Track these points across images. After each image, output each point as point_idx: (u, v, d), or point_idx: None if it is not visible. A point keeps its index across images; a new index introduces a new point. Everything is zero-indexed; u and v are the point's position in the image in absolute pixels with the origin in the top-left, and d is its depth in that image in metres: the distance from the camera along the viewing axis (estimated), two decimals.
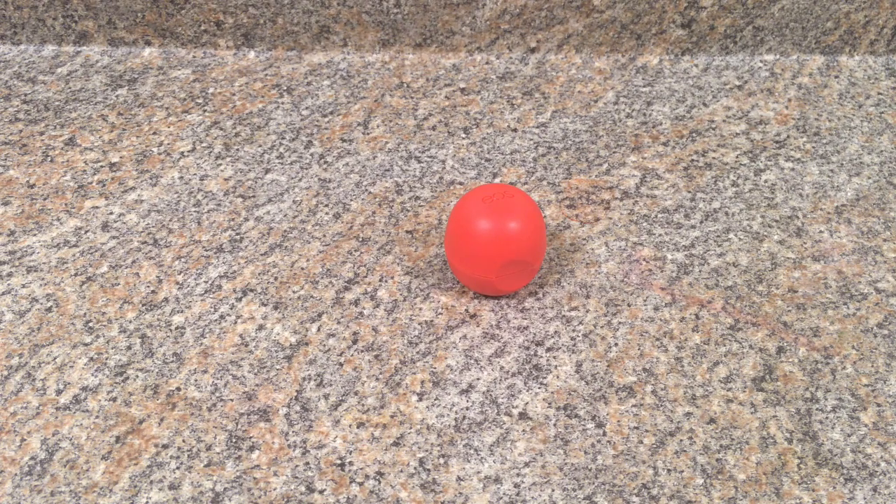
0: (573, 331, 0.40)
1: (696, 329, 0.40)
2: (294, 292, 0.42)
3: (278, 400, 0.37)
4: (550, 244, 0.45)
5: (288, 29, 0.59)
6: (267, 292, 0.42)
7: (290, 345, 0.40)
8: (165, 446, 0.35)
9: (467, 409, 0.37)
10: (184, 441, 0.36)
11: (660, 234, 0.46)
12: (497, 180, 0.49)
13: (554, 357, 0.39)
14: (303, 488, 0.34)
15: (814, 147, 0.52)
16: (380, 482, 0.34)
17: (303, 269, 0.44)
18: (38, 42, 0.61)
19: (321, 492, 0.34)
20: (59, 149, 0.52)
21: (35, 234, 0.46)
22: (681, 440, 0.36)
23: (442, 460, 0.35)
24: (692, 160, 0.51)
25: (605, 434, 0.36)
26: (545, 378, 0.38)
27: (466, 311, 0.41)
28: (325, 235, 0.46)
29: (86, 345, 0.40)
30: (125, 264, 0.44)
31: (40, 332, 0.41)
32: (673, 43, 0.59)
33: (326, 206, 0.48)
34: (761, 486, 0.34)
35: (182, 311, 0.41)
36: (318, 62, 0.60)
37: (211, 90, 0.57)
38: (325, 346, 0.40)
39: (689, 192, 0.49)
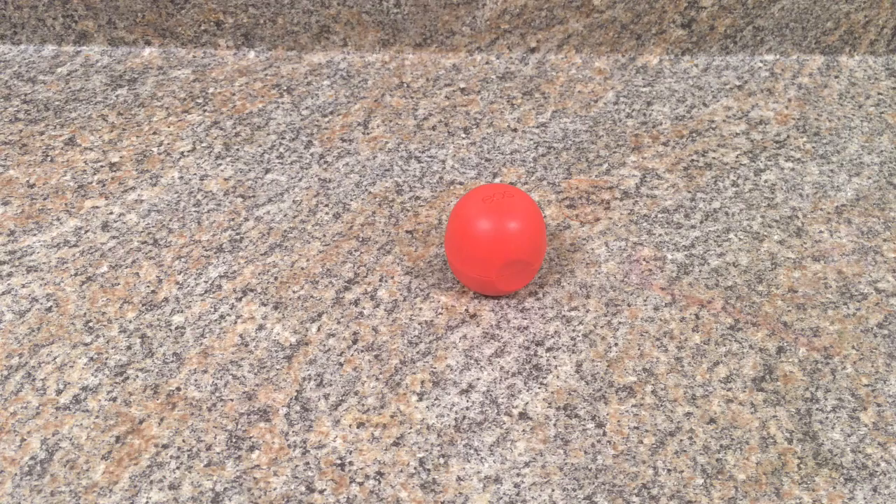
0: (573, 331, 0.40)
1: (696, 329, 0.40)
2: (294, 292, 0.42)
3: (278, 400, 0.37)
4: (550, 244, 0.45)
5: (288, 29, 0.59)
6: (267, 292, 0.42)
7: (290, 345, 0.40)
8: (165, 446, 0.35)
9: (467, 409, 0.37)
10: (184, 441, 0.36)
11: (660, 234, 0.46)
12: (497, 180, 0.49)
13: (554, 357, 0.39)
14: (303, 488, 0.34)
15: (814, 147, 0.52)
16: (380, 482, 0.34)
17: (303, 269, 0.44)
18: (38, 42, 0.61)
19: (321, 492, 0.34)
20: (59, 149, 0.52)
21: (35, 234, 0.46)
22: (681, 440, 0.36)
23: (442, 460, 0.35)
24: (692, 160, 0.51)
25: (605, 434, 0.36)
26: (545, 378, 0.38)
27: (466, 311, 0.41)
28: (325, 235, 0.46)
29: (86, 345, 0.40)
30: (125, 264, 0.44)
31: (40, 332, 0.41)
32: (673, 43, 0.59)
33: (326, 206, 0.48)
34: (761, 486, 0.34)
35: (182, 311, 0.41)
36: (318, 62, 0.60)
37: (211, 90, 0.57)
38: (325, 346, 0.40)
39: (689, 192, 0.49)
